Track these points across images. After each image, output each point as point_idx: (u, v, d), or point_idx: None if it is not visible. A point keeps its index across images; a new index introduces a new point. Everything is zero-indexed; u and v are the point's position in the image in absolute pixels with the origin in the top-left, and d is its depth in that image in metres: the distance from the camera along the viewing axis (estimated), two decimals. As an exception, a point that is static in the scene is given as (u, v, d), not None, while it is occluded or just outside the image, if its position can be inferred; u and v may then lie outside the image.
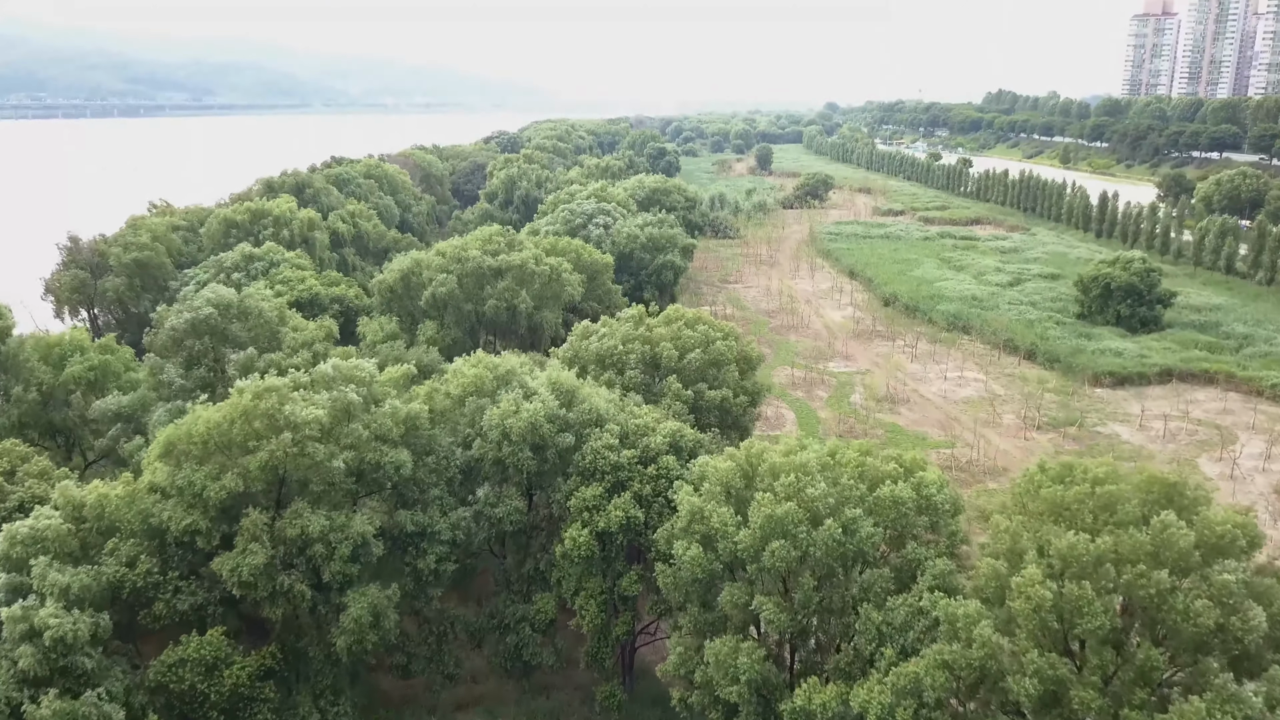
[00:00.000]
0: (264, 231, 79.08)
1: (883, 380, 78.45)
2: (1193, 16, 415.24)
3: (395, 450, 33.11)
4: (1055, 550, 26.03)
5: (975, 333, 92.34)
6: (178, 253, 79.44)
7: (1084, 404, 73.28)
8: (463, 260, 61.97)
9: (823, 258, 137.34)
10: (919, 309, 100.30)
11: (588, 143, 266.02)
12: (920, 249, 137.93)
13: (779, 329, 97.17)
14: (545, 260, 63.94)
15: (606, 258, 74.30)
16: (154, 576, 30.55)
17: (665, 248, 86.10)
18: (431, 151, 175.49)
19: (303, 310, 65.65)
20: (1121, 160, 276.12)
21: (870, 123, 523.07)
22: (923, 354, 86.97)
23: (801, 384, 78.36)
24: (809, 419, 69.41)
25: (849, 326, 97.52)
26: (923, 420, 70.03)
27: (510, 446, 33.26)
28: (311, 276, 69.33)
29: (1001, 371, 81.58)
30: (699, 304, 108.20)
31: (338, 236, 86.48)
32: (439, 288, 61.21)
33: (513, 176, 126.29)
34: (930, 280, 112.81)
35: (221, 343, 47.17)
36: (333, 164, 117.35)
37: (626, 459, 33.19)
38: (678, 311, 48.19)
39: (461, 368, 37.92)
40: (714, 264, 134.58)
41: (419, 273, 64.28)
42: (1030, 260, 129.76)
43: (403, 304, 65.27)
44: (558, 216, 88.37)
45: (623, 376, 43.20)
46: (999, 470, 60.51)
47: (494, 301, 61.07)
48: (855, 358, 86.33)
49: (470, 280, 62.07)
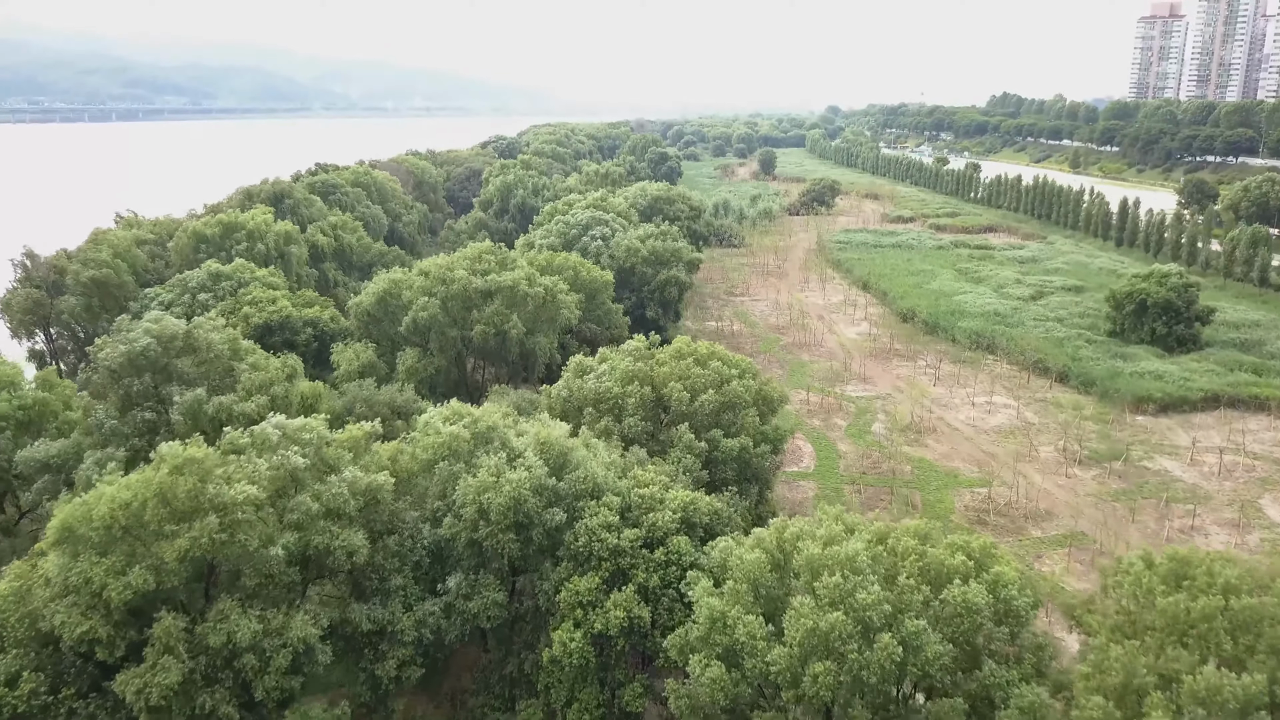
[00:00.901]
0: (236, 246, 73.19)
1: (906, 406, 72.46)
2: (1201, 19, 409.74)
3: (349, 531, 27.14)
4: (1189, 692, 19.98)
5: (1001, 352, 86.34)
6: (143, 269, 73.54)
7: (1126, 434, 67.22)
8: (447, 281, 56.03)
9: (833, 268, 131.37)
10: (939, 326, 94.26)
11: (587, 147, 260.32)
12: (934, 259, 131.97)
13: (790, 347, 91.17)
14: (539, 281, 58.00)
15: (606, 275, 68.40)
16: (41, 698, 24.58)
17: (669, 262, 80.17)
18: (425, 157, 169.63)
19: (272, 335, 59.91)
20: (1133, 165, 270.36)
21: (873, 126, 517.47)
22: (946, 376, 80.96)
23: (818, 410, 72.35)
24: (828, 453, 63.36)
25: (865, 345, 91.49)
26: (952, 454, 63.99)
27: (488, 527, 27.30)
28: (284, 297, 63.42)
29: (1033, 396, 75.54)
30: (704, 319, 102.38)
31: (318, 250, 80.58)
32: (420, 312, 55.29)
33: (508, 184, 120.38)
34: (948, 294, 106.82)
35: (165, 381, 41.22)
36: (318, 171, 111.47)
37: (629, 541, 27.26)
38: (687, 345, 42.23)
39: (434, 421, 31.95)
40: (719, 275, 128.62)
41: (399, 295, 58.35)
42: (1050, 271, 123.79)
43: (382, 328, 59.35)
44: (553, 228, 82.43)
45: (622, 424, 37.26)
46: (1042, 514, 54.48)
47: (481, 327, 55.18)
48: (874, 380, 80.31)
49: (455, 303, 56.16)
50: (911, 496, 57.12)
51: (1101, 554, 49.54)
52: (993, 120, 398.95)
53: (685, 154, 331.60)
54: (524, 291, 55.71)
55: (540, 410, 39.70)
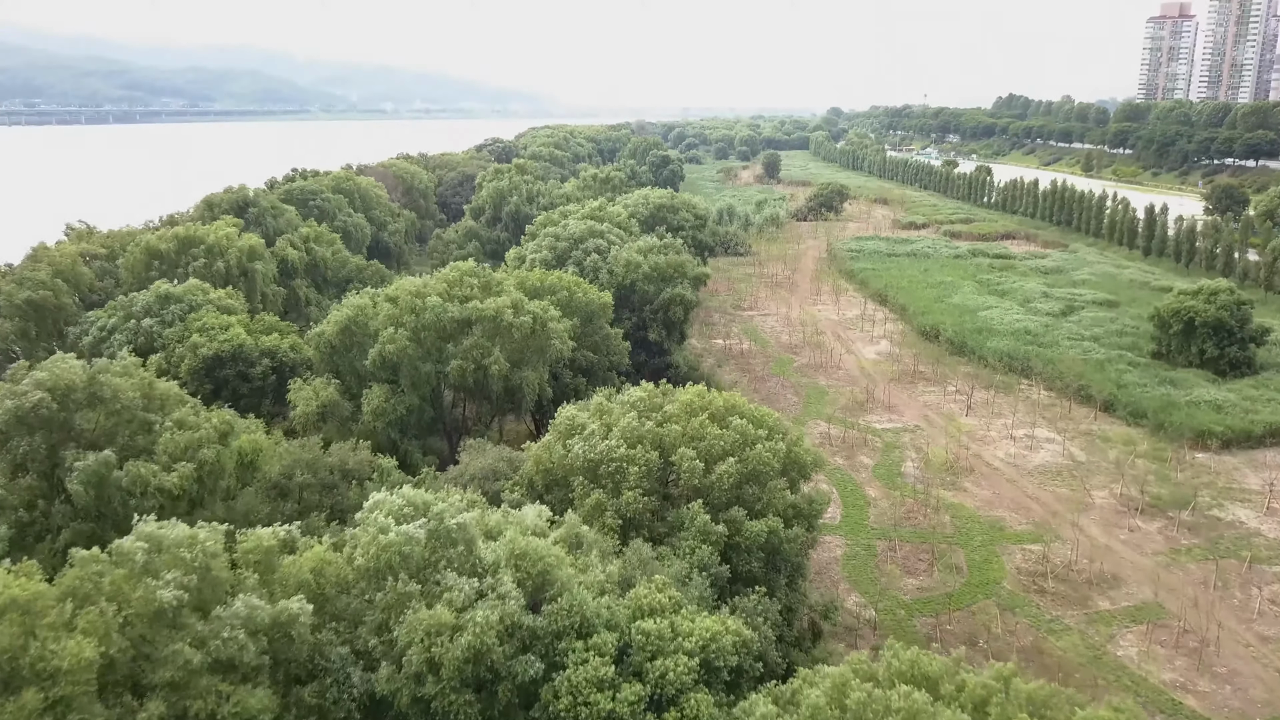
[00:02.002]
0: (194, 263, 65.86)
1: (938, 441, 65.03)
2: (1212, 19, 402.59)
3: (244, 689, 19.74)
4: None
5: (1036, 376, 78.92)
6: (89, 289, 66.18)
7: (1187, 475, 59.77)
8: (418, 310, 48.63)
9: (846, 279, 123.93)
10: (966, 345, 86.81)
11: (587, 150, 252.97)
12: (953, 269, 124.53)
13: (805, 369, 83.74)
14: (527, 308, 50.58)
15: (604, 297, 60.99)
16: None
17: (673, 278, 72.76)
18: (416, 161, 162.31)
19: (223, 367, 52.56)
20: (1148, 168, 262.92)
21: (877, 128, 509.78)
22: (978, 404, 73.52)
23: (840, 445, 64.92)
24: (855, 500, 55.92)
25: (886, 367, 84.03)
26: (995, 500, 56.54)
27: (439, 684, 19.92)
28: (239, 323, 56.06)
29: (1076, 428, 68.10)
30: (711, 336, 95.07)
31: (288, 266, 73.22)
32: (387, 345, 47.89)
33: (501, 190, 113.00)
34: (972, 308, 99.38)
35: (64, 441, 33.87)
36: (295, 177, 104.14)
37: (628, 704, 19.82)
38: (701, 396, 34.86)
39: (379, 513, 24.48)
40: (725, 286, 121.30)
41: (365, 323, 50.96)
42: (1078, 283, 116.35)
43: (348, 360, 51.95)
44: (543, 243, 75.04)
45: (620, 499, 29.88)
46: (1107, 579, 47.02)
47: (459, 362, 47.78)
48: (900, 409, 72.87)
49: (429, 335, 48.76)
50: (954, 555, 49.71)
51: (1186, 632, 42.15)
52: (1000, 122, 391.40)
53: (687, 157, 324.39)
54: (508, 321, 48.31)
55: (519, 486, 32.43)
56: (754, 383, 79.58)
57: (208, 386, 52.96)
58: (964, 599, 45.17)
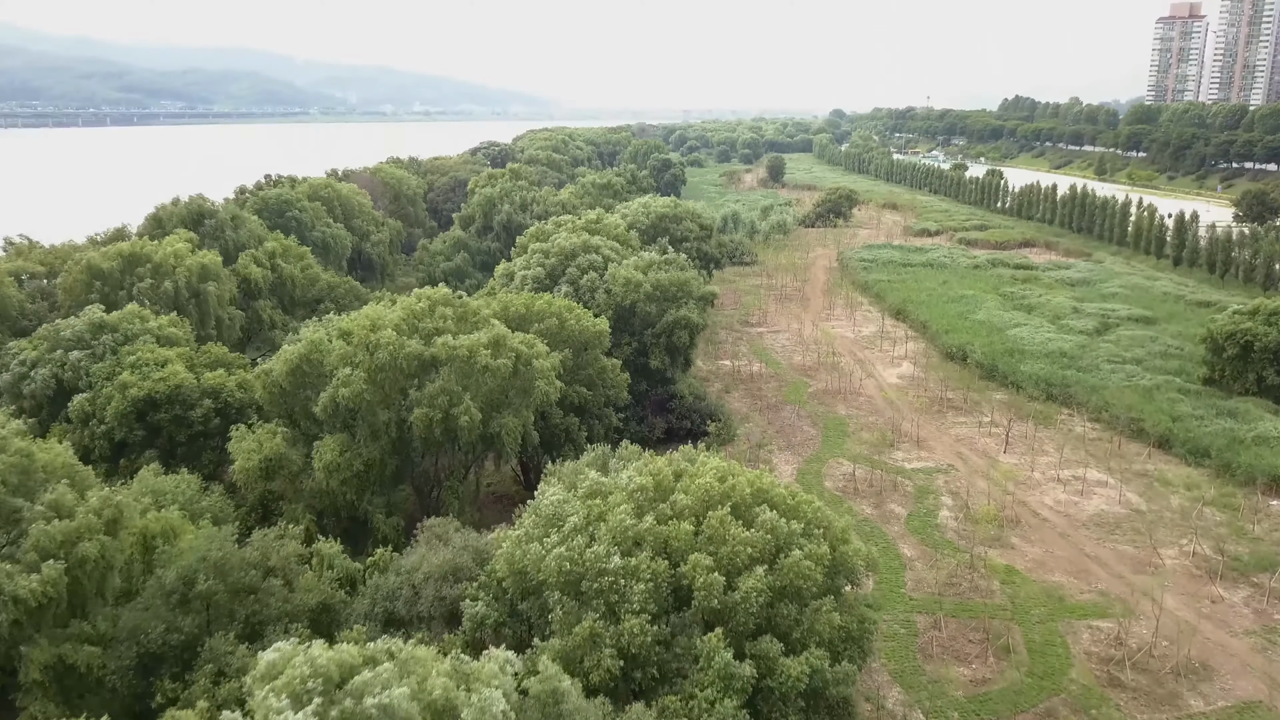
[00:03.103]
0: (139, 284, 58.53)
1: (976, 484, 57.65)
2: (1224, 19, 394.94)
3: None
4: None
5: (1078, 405, 71.53)
6: (19, 312, 58.83)
7: (1265, 528, 52.38)
8: (373, 348, 41.26)
9: (859, 291, 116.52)
10: (997, 369, 79.36)
11: (586, 154, 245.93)
12: (972, 281, 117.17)
13: (822, 396, 76.31)
14: (509, 343, 43.17)
15: (600, 324, 53.62)
16: None
17: (678, 298, 65.38)
18: (405, 165, 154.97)
19: (158, 410, 45.32)
20: (1163, 171, 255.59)
21: (881, 130, 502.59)
22: (1016, 438, 66.08)
23: (867, 490, 57.47)
24: (889, 561, 48.46)
25: (911, 394, 76.60)
26: (1048, 560, 49.11)
27: None
28: (180, 357, 48.72)
29: (1129, 468, 60.65)
30: (717, 356, 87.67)
31: (249, 285, 65.87)
32: (340, 389, 40.51)
33: (492, 198, 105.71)
34: (999, 326, 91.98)
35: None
36: (267, 185, 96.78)
37: None
38: (720, 482, 27.26)
39: (270, 696, 17.03)
40: (730, 299, 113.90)
41: (320, 361, 43.59)
42: (1108, 297, 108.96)
43: (301, 403, 44.56)
44: (533, 259, 67.70)
45: (619, 626, 22.50)
46: (1195, 668, 39.53)
47: (423, 410, 40.37)
48: (930, 444, 65.44)
49: (388, 377, 41.38)
50: (1009, 633, 42.28)
51: (1302, 745, 34.72)
52: (1008, 124, 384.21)
53: (689, 160, 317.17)
54: (483, 363, 40.92)
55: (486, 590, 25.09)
56: (766, 412, 72.18)
57: (139, 433, 45.73)
58: (1029, 697, 37.73)
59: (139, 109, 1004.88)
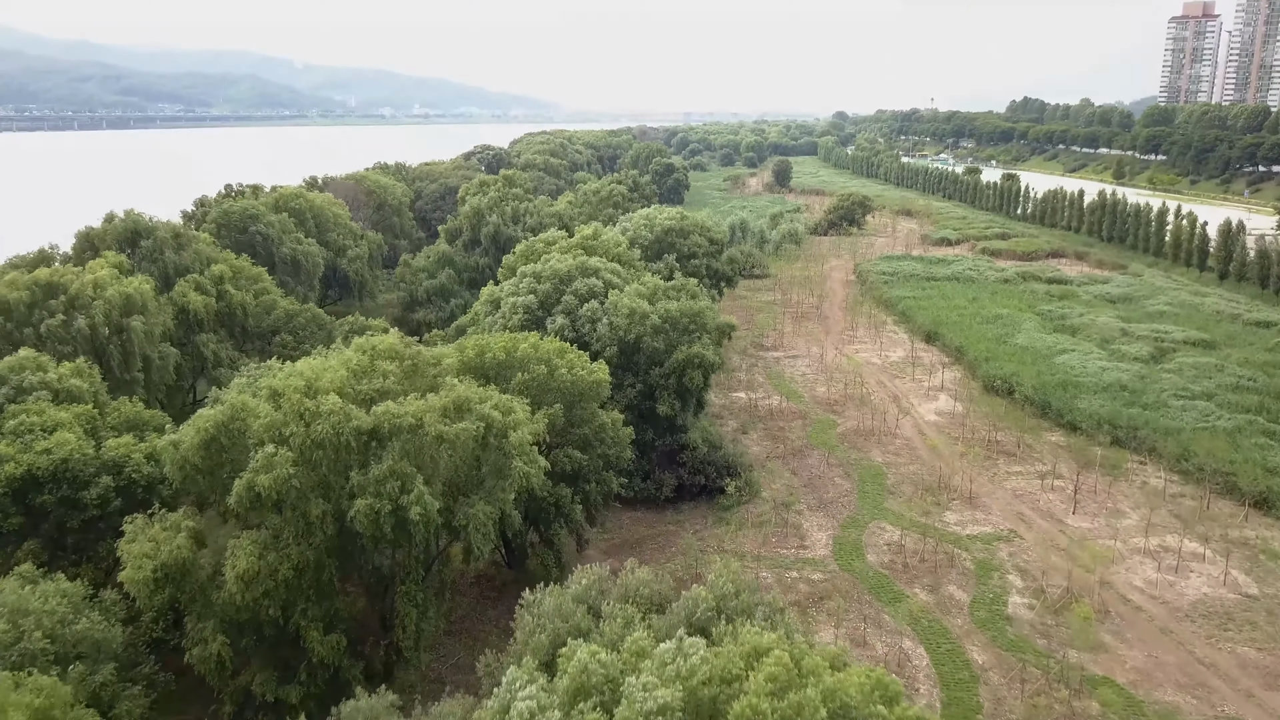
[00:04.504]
0: (49, 320, 49.15)
1: (1042, 550, 48.22)
2: (1240, 19, 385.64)
3: None
4: None
5: (1148, 451, 62.08)
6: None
7: None
8: (309, 417, 31.87)
9: (883, 309, 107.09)
10: (1050, 405, 69.92)
11: (585, 158, 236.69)
12: (1005, 298, 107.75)
13: (853, 437, 66.86)
14: (475, 407, 33.76)
15: (599, 371, 44.15)
16: None
17: (689, 330, 55.93)
18: (392, 172, 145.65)
19: (40, 491, 35.99)
20: (1185, 175, 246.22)
21: (886, 133, 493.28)
22: (1084, 493, 56.62)
23: (916, 564, 48.01)
24: (957, 671, 38.99)
25: (952, 433, 67.18)
26: (1154, 668, 39.61)
27: None
28: (77, 419, 39.34)
29: (1226, 535, 51.16)
30: (730, 387, 78.35)
31: (189, 317, 56.47)
32: (260, 475, 31.12)
33: (479, 208, 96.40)
34: (1043, 352, 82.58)
35: None
36: (229, 195, 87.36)
37: None
38: (771, 672, 17.78)
39: None
40: (742, 316, 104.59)
41: (243, 431, 34.20)
42: (1155, 315, 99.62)
43: (219, 485, 35.12)
44: (523, 284, 58.32)
45: None
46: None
47: (366, 502, 30.99)
48: (984, 502, 55.99)
49: (327, 456, 32.00)
50: (1124, 785, 32.85)
51: None
52: (1019, 127, 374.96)
53: (691, 164, 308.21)
54: (436, 433, 31.54)
55: None
56: (791, 458, 62.79)
57: (16, 519, 36.29)
58: None
59: (137, 112, 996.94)
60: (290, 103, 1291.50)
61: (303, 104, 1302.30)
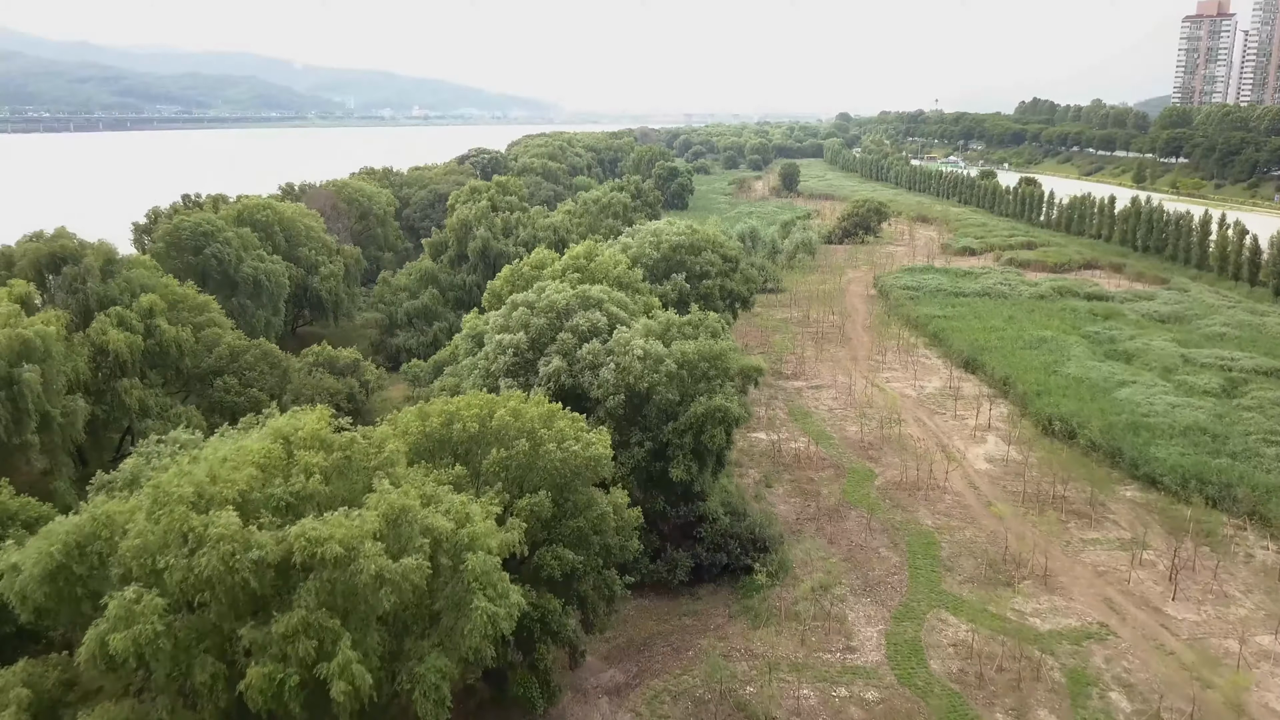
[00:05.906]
0: (-77, 369, 39.78)
1: (1144, 653, 38.85)
2: (1257, 18, 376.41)
3: None
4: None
5: (1245, 510, 52.66)
6: None
7: None
8: (198, 539, 22.53)
9: (910, 329, 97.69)
10: (1121, 453, 60.48)
11: (585, 161, 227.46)
12: (1043, 316, 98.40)
13: (895, 492, 57.44)
14: (420, 520, 24.40)
15: (596, 444, 34.61)
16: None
17: (710, 376, 46.54)
18: (378, 178, 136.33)
19: None
20: (1209, 178, 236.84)
21: (892, 135, 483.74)
22: (1182, 570, 47.21)
23: (991, 673, 38.57)
24: None
25: (1012, 491, 57.75)
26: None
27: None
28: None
29: (1366, 630, 41.81)
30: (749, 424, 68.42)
31: (110, 360, 47.13)
32: (116, 633, 21.75)
33: (466, 220, 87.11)
34: (1099, 384, 73.21)
35: None
36: (184, 208, 77.98)
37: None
38: None
39: None
40: (757, 336, 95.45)
41: (102, 552, 24.81)
42: (1213, 338, 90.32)
43: (78, 622, 25.66)
44: (514, 316, 48.95)
45: None
46: None
47: (266, 669, 21.61)
48: (1060, 581, 46.58)
49: (218, 599, 22.64)
50: None
51: None
52: (1030, 128, 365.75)
53: (694, 167, 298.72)
54: (371, 571, 22.24)
55: None
56: (825, 521, 53.41)
57: None
58: None
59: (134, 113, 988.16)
60: (289, 104, 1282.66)
61: (302, 105, 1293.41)
